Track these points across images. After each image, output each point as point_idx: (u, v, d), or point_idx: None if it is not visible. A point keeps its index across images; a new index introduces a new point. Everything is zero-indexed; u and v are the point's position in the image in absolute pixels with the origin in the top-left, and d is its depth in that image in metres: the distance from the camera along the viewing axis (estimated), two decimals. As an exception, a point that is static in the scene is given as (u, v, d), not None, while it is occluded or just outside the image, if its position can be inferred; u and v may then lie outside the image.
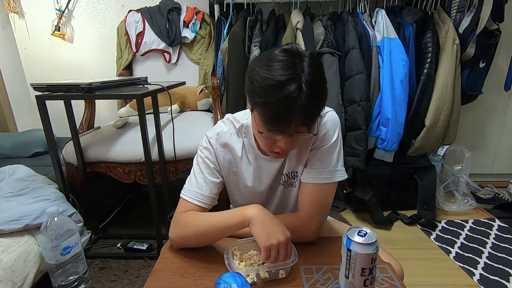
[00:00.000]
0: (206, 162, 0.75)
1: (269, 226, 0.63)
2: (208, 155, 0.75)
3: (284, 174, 0.77)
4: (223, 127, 0.77)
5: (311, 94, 0.58)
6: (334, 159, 0.73)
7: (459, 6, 1.65)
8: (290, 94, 0.56)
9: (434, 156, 1.80)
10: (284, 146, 0.63)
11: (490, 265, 1.31)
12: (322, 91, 0.63)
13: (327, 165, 0.72)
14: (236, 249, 0.68)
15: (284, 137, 0.62)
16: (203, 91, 1.74)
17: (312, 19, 1.64)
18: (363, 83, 1.50)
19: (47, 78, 2.04)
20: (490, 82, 1.79)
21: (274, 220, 0.64)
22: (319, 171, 0.71)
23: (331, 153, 0.73)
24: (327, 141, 0.72)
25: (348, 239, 0.52)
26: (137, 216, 1.71)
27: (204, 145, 0.76)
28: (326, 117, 0.73)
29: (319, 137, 0.72)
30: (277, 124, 0.60)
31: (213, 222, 0.69)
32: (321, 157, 0.72)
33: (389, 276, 0.61)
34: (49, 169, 1.33)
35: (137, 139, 1.16)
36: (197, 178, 0.75)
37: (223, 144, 0.76)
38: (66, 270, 1.00)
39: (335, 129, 0.73)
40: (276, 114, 0.58)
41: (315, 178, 0.72)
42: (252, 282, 0.61)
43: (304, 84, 0.57)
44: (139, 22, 1.79)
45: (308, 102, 0.57)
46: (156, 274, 0.64)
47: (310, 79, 0.58)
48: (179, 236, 0.71)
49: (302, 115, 0.59)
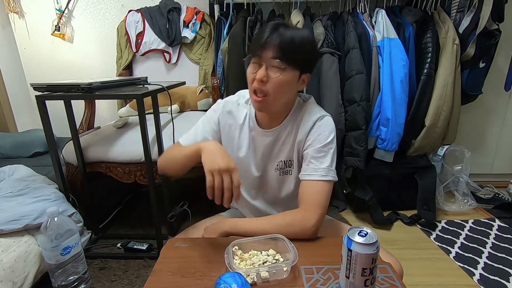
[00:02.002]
0: (208, 121, 0.88)
1: (216, 154, 0.71)
2: (213, 115, 0.88)
3: (282, 161, 0.85)
4: (233, 97, 0.90)
5: (289, 34, 0.72)
6: (329, 160, 0.79)
7: (459, 6, 1.65)
8: (273, 25, 0.73)
9: (434, 156, 1.80)
10: (259, 75, 0.73)
11: (490, 265, 1.31)
12: (302, 40, 0.74)
13: (322, 163, 0.78)
14: (236, 249, 0.68)
15: (260, 67, 0.74)
16: (203, 91, 1.74)
17: (312, 19, 1.64)
18: (363, 83, 1.50)
19: (47, 78, 2.04)
20: (490, 82, 1.79)
21: (223, 152, 0.72)
22: (315, 168, 0.78)
23: (326, 153, 0.80)
24: (322, 140, 0.80)
25: (349, 239, 0.52)
26: (137, 216, 1.71)
27: (214, 108, 0.90)
28: (323, 121, 0.82)
29: (314, 136, 0.80)
30: (255, 48, 0.74)
31: (179, 150, 0.82)
32: (317, 156, 0.79)
33: (390, 276, 0.61)
34: (49, 169, 1.33)
35: (137, 139, 1.16)
36: (195, 129, 0.89)
37: (228, 111, 0.88)
38: (66, 270, 1.00)
39: (330, 131, 0.81)
40: (257, 39, 0.75)
41: (310, 175, 0.78)
42: (252, 282, 0.60)
43: (285, 25, 0.73)
44: (139, 22, 1.79)
45: (283, 37, 0.71)
46: (156, 274, 0.63)
47: (293, 27, 0.76)
48: (159, 161, 0.87)
49: (276, 46, 0.71)
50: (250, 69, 0.77)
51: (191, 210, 1.27)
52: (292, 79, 0.76)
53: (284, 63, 0.72)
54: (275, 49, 0.71)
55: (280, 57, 0.72)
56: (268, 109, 0.80)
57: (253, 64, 0.76)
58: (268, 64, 0.73)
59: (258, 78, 0.74)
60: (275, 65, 0.73)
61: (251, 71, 0.76)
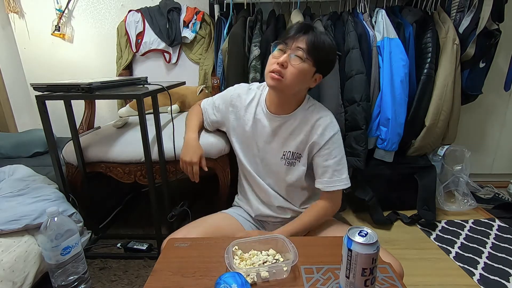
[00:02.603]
0: (221, 97, 1.09)
1: (188, 148, 1.06)
2: (227, 94, 1.07)
3: (290, 151, 0.95)
4: (246, 84, 1.08)
5: (322, 37, 0.84)
6: (346, 171, 0.95)
7: (459, 6, 1.65)
8: (306, 25, 0.85)
9: (434, 156, 1.80)
10: (282, 59, 0.83)
11: (490, 265, 1.31)
12: (330, 46, 0.87)
13: (342, 174, 0.94)
14: (236, 249, 0.68)
15: (285, 53, 0.84)
16: (203, 91, 1.74)
17: (312, 19, 1.64)
18: (363, 83, 1.50)
19: (47, 78, 2.04)
20: (490, 82, 1.79)
21: (194, 148, 1.06)
22: (337, 180, 0.94)
23: (343, 165, 0.95)
24: (340, 153, 0.94)
25: (349, 239, 0.52)
26: (137, 216, 1.71)
27: (229, 88, 1.08)
28: (338, 135, 0.95)
29: (333, 148, 0.92)
30: (286, 37, 0.85)
31: (189, 119, 1.17)
32: (337, 168, 0.93)
33: (390, 276, 0.61)
34: (49, 169, 1.33)
35: (137, 139, 1.16)
36: (213, 100, 1.12)
37: (238, 94, 1.03)
38: (66, 270, 1.00)
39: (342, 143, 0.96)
40: (290, 30, 0.86)
41: (335, 186, 0.94)
42: (252, 282, 0.61)
43: (316, 30, 0.85)
44: (139, 22, 1.79)
45: (314, 36, 0.83)
46: (156, 274, 0.64)
47: (324, 32, 1.03)
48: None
49: (305, 41, 0.82)
50: (274, 53, 0.87)
51: (191, 209, 1.27)
52: (308, 72, 0.86)
53: (307, 55, 0.83)
54: (305, 42, 0.83)
55: (307, 50, 0.83)
56: (281, 90, 0.88)
57: (278, 50, 0.86)
58: (292, 52, 0.83)
59: (281, 61, 0.83)
60: (299, 54, 0.83)
61: (275, 56, 0.86)
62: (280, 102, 0.93)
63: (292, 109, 0.94)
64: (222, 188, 1.33)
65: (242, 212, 1.09)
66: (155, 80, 1.35)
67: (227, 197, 1.33)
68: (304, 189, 1.01)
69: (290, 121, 0.94)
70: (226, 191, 1.34)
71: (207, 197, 1.75)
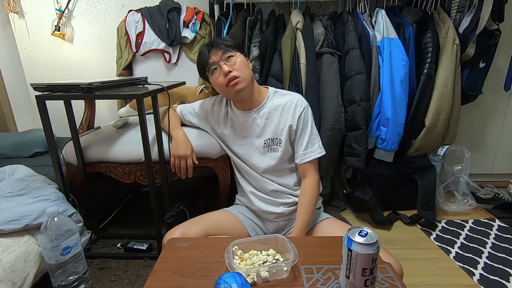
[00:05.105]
0: (201, 106, 1.18)
1: (179, 144, 1.11)
2: (207, 104, 1.15)
3: (269, 138, 1.03)
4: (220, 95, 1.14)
5: (216, 39, 1.01)
6: (318, 140, 1.03)
7: (459, 6, 1.65)
8: (205, 45, 0.99)
9: (434, 156, 1.80)
10: (225, 69, 0.93)
11: (490, 265, 1.31)
12: (224, 37, 1.02)
13: (315, 144, 1.02)
14: (236, 249, 0.68)
15: (220, 67, 0.94)
16: (203, 91, 1.74)
17: (312, 19, 1.64)
18: (363, 83, 1.50)
19: (47, 78, 2.04)
20: (490, 82, 1.79)
21: (185, 143, 1.11)
22: (312, 150, 1.01)
23: (315, 136, 1.03)
24: (310, 127, 1.02)
25: (349, 239, 0.52)
26: (137, 216, 1.71)
27: (209, 98, 1.16)
28: (308, 110, 1.03)
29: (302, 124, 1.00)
30: (207, 62, 0.96)
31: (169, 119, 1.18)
32: (310, 140, 1.01)
33: (390, 276, 0.61)
34: (49, 169, 1.33)
35: (137, 139, 1.16)
36: (190, 107, 1.21)
37: (218, 101, 1.13)
38: (66, 270, 1.00)
39: (311, 115, 1.03)
40: (202, 57, 0.97)
41: (311, 156, 1.01)
42: (252, 282, 0.61)
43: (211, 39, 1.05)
44: (139, 22, 1.79)
45: (215, 41, 0.97)
46: (156, 274, 0.64)
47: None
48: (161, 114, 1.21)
49: (217, 47, 0.95)
50: (214, 76, 0.96)
51: (191, 210, 1.27)
52: (242, 58, 0.97)
53: (229, 50, 0.95)
54: (218, 48, 0.95)
55: (224, 49, 0.94)
56: (245, 87, 0.95)
57: (214, 71, 0.96)
58: (222, 59, 0.94)
59: (226, 71, 0.93)
60: (228, 54, 0.94)
61: (217, 76, 0.96)
62: (247, 100, 1.02)
63: (260, 101, 1.04)
64: (222, 188, 1.34)
65: (243, 210, 1.10)
66: (155, 80, 1.35)
67: (227, 197, 1.34)
68: (293, 170, 1.06)
69: (262, 111, 1.03)
70: (226, 191, 1.34)
71: (207, 197, 1.75)
